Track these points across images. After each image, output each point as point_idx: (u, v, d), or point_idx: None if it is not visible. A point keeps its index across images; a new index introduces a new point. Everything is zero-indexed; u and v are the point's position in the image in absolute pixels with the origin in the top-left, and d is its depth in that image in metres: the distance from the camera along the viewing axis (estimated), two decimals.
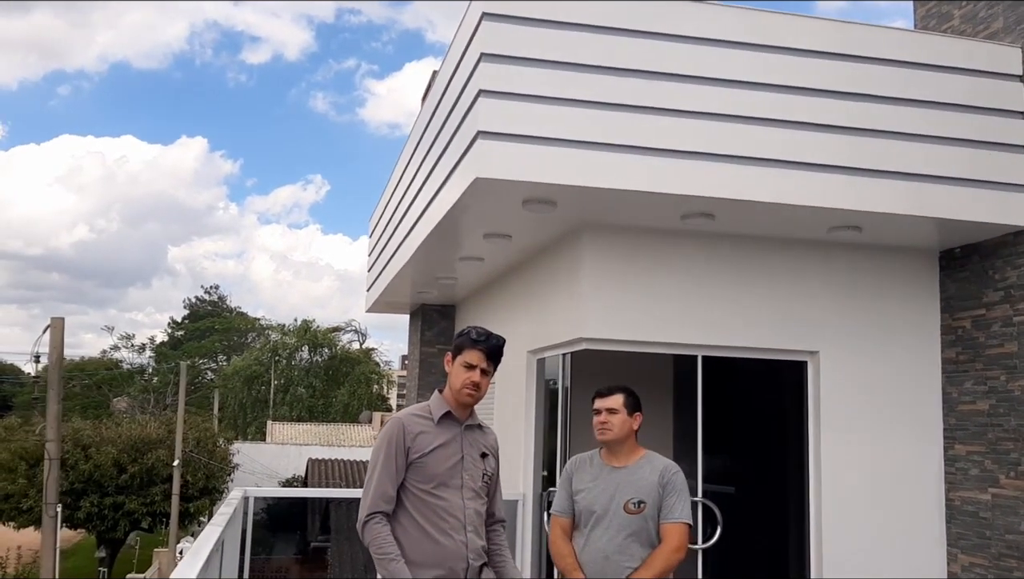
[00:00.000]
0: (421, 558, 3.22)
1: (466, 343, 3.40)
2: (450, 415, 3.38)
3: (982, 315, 6.40)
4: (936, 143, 5.89)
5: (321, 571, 18.11)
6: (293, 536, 21.57)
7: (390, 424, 3.36)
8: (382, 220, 10.23)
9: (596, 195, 5.53)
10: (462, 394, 3.38)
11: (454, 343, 3.45)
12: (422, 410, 3.41)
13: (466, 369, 3.37)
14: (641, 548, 3.52)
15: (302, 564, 19.62)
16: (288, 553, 20.72)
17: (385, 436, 3.32)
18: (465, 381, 3.37)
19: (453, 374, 3.39)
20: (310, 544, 19.98)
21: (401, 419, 3.36)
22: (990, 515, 6.18)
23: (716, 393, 6.52)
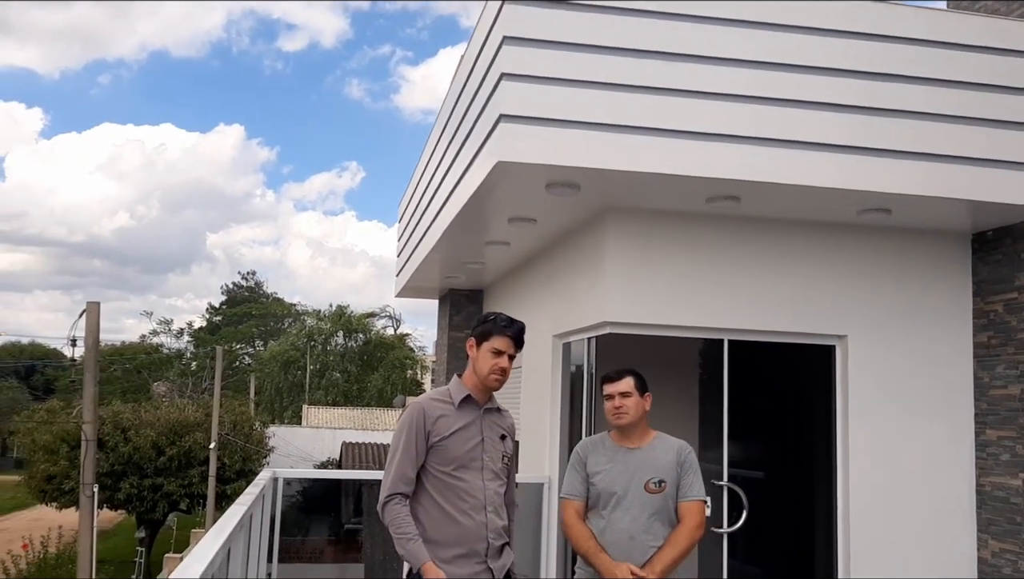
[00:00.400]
0: (442, 537, 3.27)
1: (494, 329, 3.47)
2: (470, 399, 3.44)
3: (1015, 298, 6.29)
4: (968, 124, 5.78)
5: (355, 552, 18.36)
6: (328, 518, 21.92)
7: (411, 408, 3.42)
8: (410, 206, 10.28)
9: (619, 178, 5.51)
10: (490, 379, 3.44)
11: (478, 329, 3.51)
12: (442, 394, 3.47)
13: (494, 355, 3.44)
14: (663, 527, 3.55)
15: (336, 546, 19.93)
16: (323, 534, 21.07)
17: (406, 420, 3.39)
18: (493, 367, 3.43)
19: (480, 360, 3.45)
20: (343, 526, 20.28)
21: (421, 404, 3.42)
22: (1021, 501, 6.09)
23: (742, 378, 6.49)
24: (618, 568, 3.43)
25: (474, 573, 3.27)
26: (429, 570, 3.15)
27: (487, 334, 3.47)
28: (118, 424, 24.54)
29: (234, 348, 54.98)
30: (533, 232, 7.19)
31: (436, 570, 3.15)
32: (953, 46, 5.83)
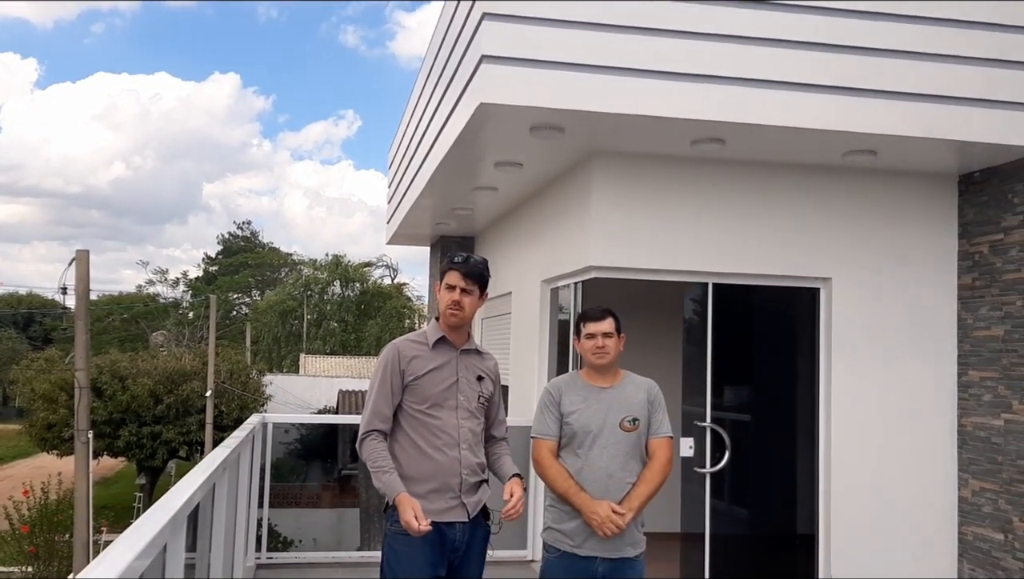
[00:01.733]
0: (416, 473, 3.35)
1: (446, 266, 3.56)
2: (444, 340, 3.49)
3: (1000, 240, 6.30)
4: (955, 63, 5.73)
5: (352, 497, 18.64)
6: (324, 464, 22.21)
7: (386, 349, 3.51)
8: (399, 152, 10.22)
9: (604, 120, 5.48)
10: (446, 315, 3.50)
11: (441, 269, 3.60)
12: (418, 336, 3.56)
13: (448, 290, 3.50)
14: (637, 464, 3.61)
15: (332, 491, 20.21)
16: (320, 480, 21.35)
17: (381, 360, 3.48)
18: (448, 301, 3.49)
19: (439, 298, 3.54)
20: (340, 471, 20.56)
21: (396, 344, 3.51)
22: (1002, 441, 6.17)
23: (726, 321, 6.53)
24: (599, 506, 3.48)
25: (447, 507, 3.34)
26: (403, 500, 3.21)
27: (443, 272, 3.57)
28: (116, 373, 24.69)
29: (230, 298, 55.07)
30: (520, 177, 7.16)
31: (409, 499, 3.21)
32: None
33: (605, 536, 3.48)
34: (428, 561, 3.27)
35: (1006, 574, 6.07)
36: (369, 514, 13.68)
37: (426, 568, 3.27)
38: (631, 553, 3.57)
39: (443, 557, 3.32)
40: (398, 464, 3.36)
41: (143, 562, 2.13)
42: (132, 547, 2.07)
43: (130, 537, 2.23)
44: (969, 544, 6.45)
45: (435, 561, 3.30)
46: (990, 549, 6.24)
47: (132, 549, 2.06)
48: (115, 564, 1.93)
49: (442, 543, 3.29)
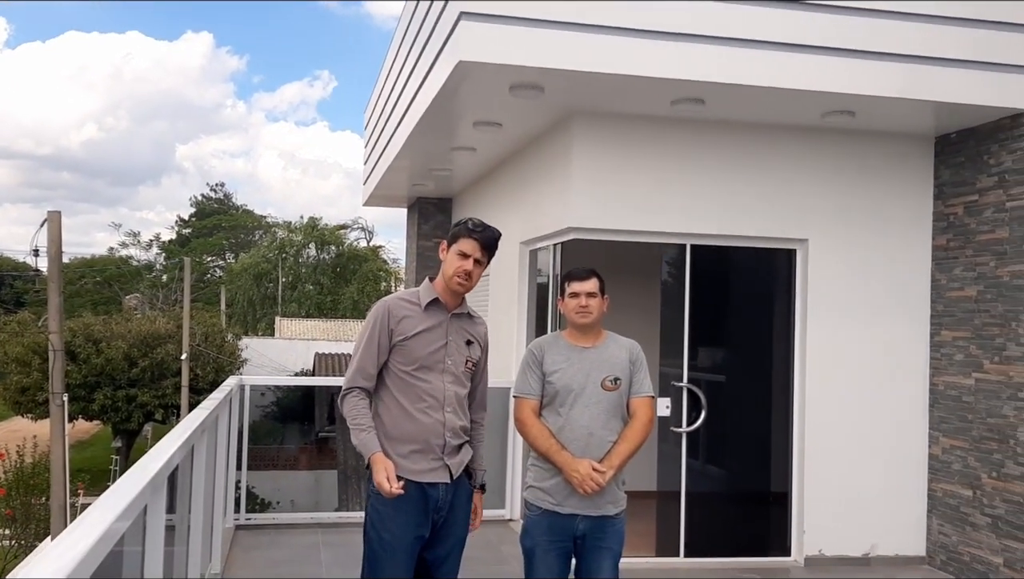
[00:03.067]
0: (399, 433, 3.34)
1: (462, 232, 3.45)
2: (437, 302, 3.44)
3: (975, 201, 6.35)
4: (933, 23, 5.72)
5: (330, 459, 18.68)
6: (302, 427, 22.20)
7: (377, 306, 3.46)
8: (375, 112, 10.10)
9: (584, 80, 5.43)
10: (453, 282, 3.43)
11: (451, 232, 3.50)
12: (410, 296, 3.49)
13: (460, 257, 3.42)
14: (618, 423, 3.63)
15: (310, 454, 20.23)
16: (298, 443, 21.35)
17: (371, 317, 3.43)
18: (458, 269, 3.42)
19: (447, 262, 3.45)
20: (318, 434, 20.56)
21: (387, 302, 3.45)
22: (972, 399, 6.28)
23: (704, 282, 6.56)
24: (580, 464, 3.50)
25: (430, 468, 3.33)
26: (376, 460, 3.20)
27: (456, 237, 3.46)
28: (89, 336, 24.46)
29: (204, 260, 54.58)
30: (499, 137, 7.10)
31: (383, 460, 3.20)
32: None
33: (585, 494, 3.50)
34: (412, 521, 3.28)
35: (974, 529, 6.20)
36: (347, 475, 13.73)
37: (409, 528, 3.28)
38: (612, 511, 3.60)
39: (427, 517, 3.32)
40: (381, 423, 3.34)
41: (123, 523, 2.12)
42: (113, 508, 2.06)
43: (110, 499, 2.21)
44: (939, 500, 6.58)
45: (419, 521, 3.30)
46: (959, 505, 6.37)
47: (113, 510, 2.05)
48: (96, 525, 1.91)
49: (425, 503, 3.30)
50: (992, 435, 6.07)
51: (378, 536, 3.28)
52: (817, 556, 6.53)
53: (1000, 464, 5.98)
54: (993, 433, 6.06)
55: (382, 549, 3.27)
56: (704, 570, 6.29)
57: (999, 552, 5.97)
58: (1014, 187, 5.99)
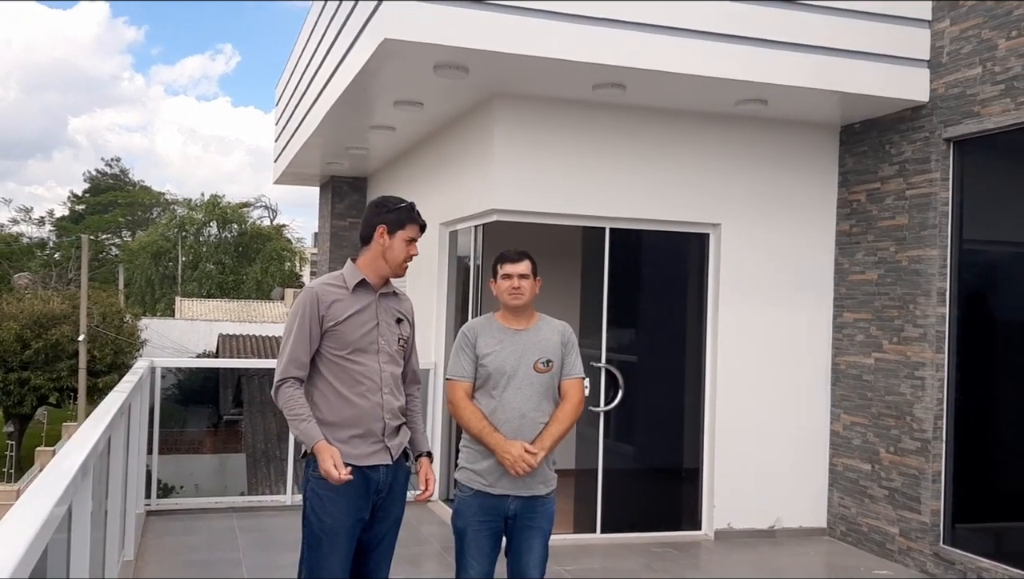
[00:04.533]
0: (338, 419, 3.30)
1: (408, 218, 3.43)
2: (364, 283, 3.41)
3: (877, 189, 6.65)
4: (843, 15, 5.96)
5: (235, 442, 18.24)
6: (206, 409, 21.59)
7: (304, 293, 3.38)
8: (288, 88, 9.88)
9: (509, 61, 5.45)
10: (401, 268, 3.45)
11: (390, 216, 3.42)
12: (335, 279, 3.43)
13: (408, 244, 3.43)
14: (550, 405, 3.68)
15: (215, 437, 19.72)
16: (201, 426, 20.77)
17: (299, 305, 3.35)
18: (408, 255, 3.44)
19: (394, 248, 3.41)
20: (223, 417, 20.05)
21: (314, 288, 3.38)
22: (872, 378, 6.60)
23: (622, 265, 6.68)
24: (512, 446, 3.54)
25: (371, 451, 3.32)
26: (321, 449, 3.17)
27: (402, 223, 3.41)
28: None
29: (100, 238, 52.41)
30: (420, 117, 7.05)
31: (328, 447, 3.18)
32: None
33: (517, 475, 3.55)
34: (353, 505, 3.26)
35: (872, 501, 6.54)
36: (256, 459, 13.47)
37: (351, 511, 3.26)
38: (542, 491, 3.66)
39: (367, 500, 3.31)
40: (318, 410, 3.29)
41: (60, 511, 2.05)
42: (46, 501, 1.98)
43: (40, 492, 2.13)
44: (839, 474, 6.91)
45: (360, 505, 3.29)
46: (858, 478, 6.70)
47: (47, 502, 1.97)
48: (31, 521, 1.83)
49: (367, 487, 3.28)
50: (890, 412, 6.40)
51: (319, 520, 3.25)
52: (726, 529, 6.78)
53: (897, 439, 6.32)
54: (891, 410, 6.39)
55: (323, 533, 3.24)
56: (619, 545, 6.45)
57: (895, 522, 6.32)
58: (914, 176, 6.30)
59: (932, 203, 6.13)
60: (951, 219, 6.09)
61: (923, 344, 6.13)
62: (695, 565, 6.22)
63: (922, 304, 6.16)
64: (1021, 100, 5.47)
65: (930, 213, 6.14)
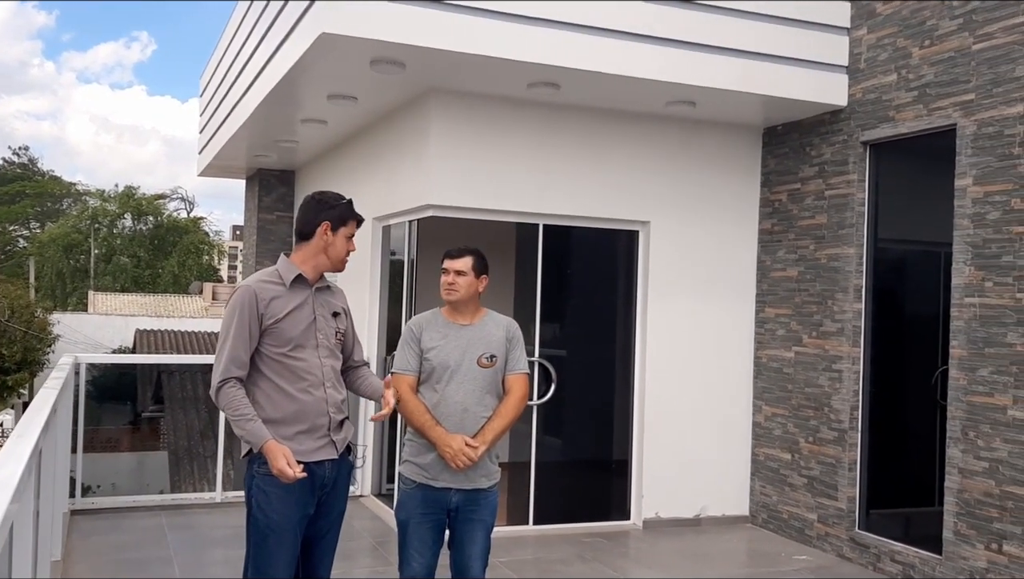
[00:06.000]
0: (282, 416, 3.29)
1: (349, 214, 3.46)
2: (301, 278, 3.40)
3: (797, 189, 6.91)
4: (768, 21, 6.18)
5: (153, 440, 17.77)
6: (123, 406, 20.91)
7: (240, 291, 3.33)
8: (215, 78, 9.69)
9: (446, 58, 5.49)
10: (343, 263, 3.48)
11: (333, 213, 3.43)
12: (271, 276, 3.40)
13: (348, 241, 3.46)
14: (493, 399, 3.74)
15: (133, 434, 19.14)
16: (118, 423, 20.12)
17: (237, 303, 3.30)
18: (348, 252, 3.47)
19: (336, 245, 3.43)
20: (141, 414, 19.47)
21: (252, 286, 3.33)
22: (792, 371, 6.87)
23: (555, 261, 6.80)
24: (453, 439, 3.59)
25: (317, 447, 3.32)
26: (271, 448, 3.16)
27: (344, 219, 3.43)
28: None
29: (7, 229, 50.31)
30: (353, 111, 7.03)
31: (279, 446, 3.17)
32: None
33: (457, 469, 3.61)
34: (299, 501, 3.26)
35: (792, 489, 6.81)
36: (179, 456, 13.17)
37: (298, 507, 3.26)
38: (484, 484, 3.72)
39: (313, 495, 3.31)
40: (261, 409, 3.27)
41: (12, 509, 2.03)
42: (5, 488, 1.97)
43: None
44: (761, 464, 7.17)
45: (307, 500, 3.29)
46: (779, 467, 6.97)
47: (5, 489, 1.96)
48: None
49: (312, 482, 3.28)
50: (809, 403, 6.68)
51: (266, 517, 3.24)
52: (654, 519, 6.97)
53: (816, 430, 6.60)
54: (810, 402, 6.67)
55: (270, 530, 3.23)
56: (551, 536, 6.57)
57: (814, 509, 6.59)
58: (832, 177, 6.58)
59: (850, 203, 6.41)
60: (867, 219, 6.38)
61: (840, 338, 6.42)
62: (624, 554, 6.39)
63: (840, 300, 6.44)
64: (933, 106, 5.77)
65: (847, 213, 6.42)
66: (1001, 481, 5.22)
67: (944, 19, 5.72)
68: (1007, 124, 5.28)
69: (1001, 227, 5.30)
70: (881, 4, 6.20)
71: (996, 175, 5.34)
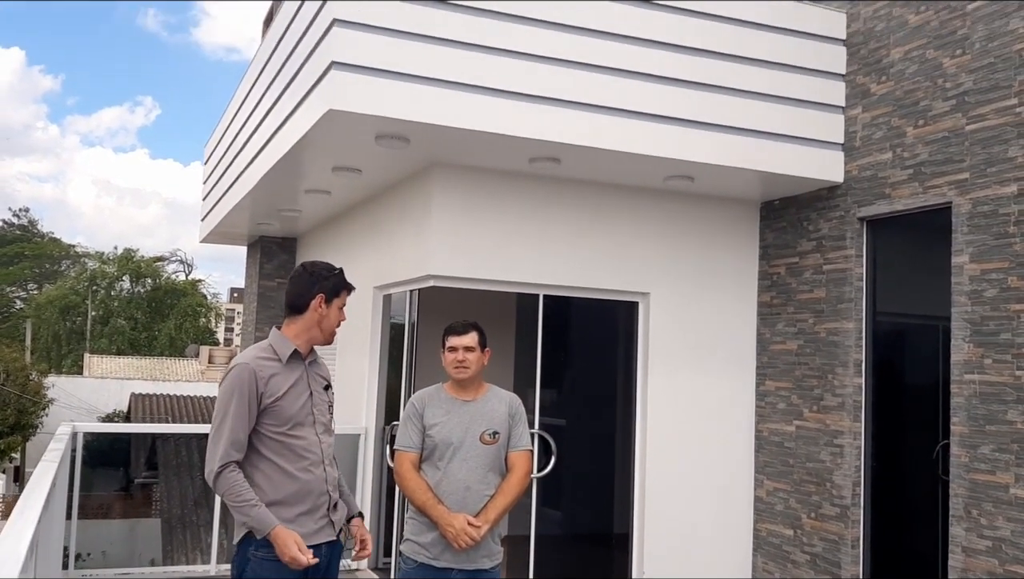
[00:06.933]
0: (284, 497, 3.20)
1: (342, 285, 3.42)
2: (296, 353, 3.34)
3: (795, 263, 6.98)
4: (764, 100, 6.31)
5: (146, 507, 17.50)
6: (116, 472, 20.66)
7: (238, 370, 3.23)
8: (219, 148, 9.84)
9: (449, 134, 5.59)
10: (334, 336, 3.44)
11: (328, 284, 3.37)
12: (266, 352, 3.31)
13: (340, 311, 3.42)
14: (496, 476, 3.71)
15: (125, 501, 18.87)
16: (110, 489, 19.85)
17: (235, 383, 3.20)
18: (340, 322, 3.43)
19: (330, 317, 3.38)
20: (134, 480, 19.22)
21: (249, 364, 3.23)
22: (794, 445, 6.84)
23: (556, 330, 6.82)
24: (455, 518, 3.56)
25: (318, 528, 3.26)
26: (281, 535, 3.08)
27: (338, 290, 3.40)
28: None
29: (5, 291, 50.36)
30: (356, 182, 7.13)
31: (290, 532, 3.10)
32: (757, 26, 6.31)
33: (460, 548, 3.56)
34: None
35: (795, 566, 6.72)
36: (172, 525, 12.98)
37: None
38: (487, 564, 3.68)
39: (306, 576, 3.25)
40: (261, 492, 3.17)
41: None
42: None
43: None
44: (763, 539, 7.08)
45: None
46: (781, 543, 6.89)
47: None
48: None
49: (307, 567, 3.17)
50: (811, 478, 6.63)
51: None
52: None
53: (818, 505, 6.54)
54: (812, 477, 6.62)
55: None
56: None
57: None
58: (830, 252, 6.65)
59: (848, 278, 6.46)
60: (865, 293, 6.43)
61: (841, 413, 6.41)
62: None
63: (840, 374, 6.45)
64: (928, 184, 5.86)
65: (846, 287, 6.47)
66: (1004, 560, 5.17)
67: (937, 100, 5.85)
68: (1002, 203, 5.37)
69: (999, 304, 5.34)
70: (875, 84, 6.35)
71: (992, 253, 5.41)
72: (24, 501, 2.82)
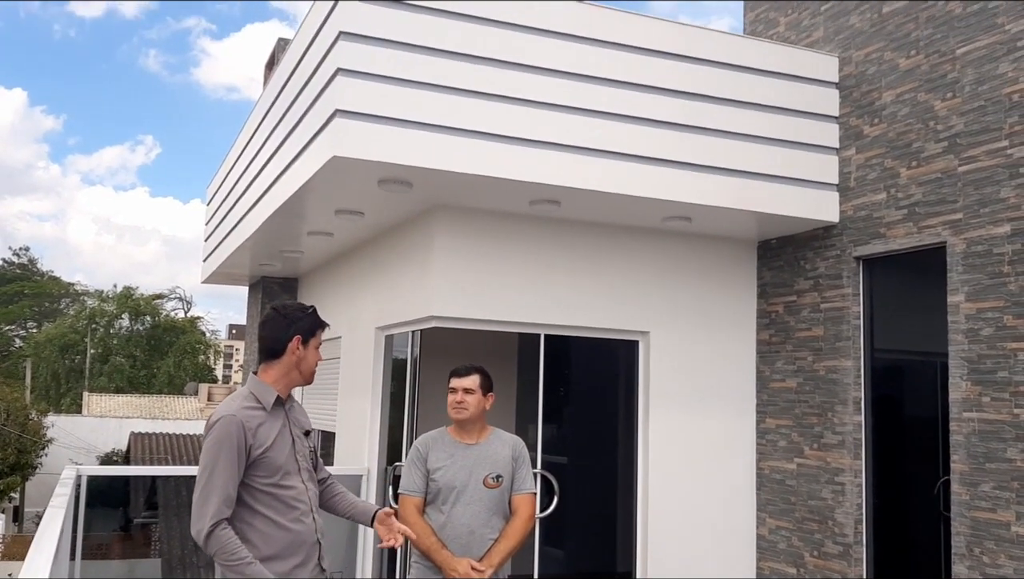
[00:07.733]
0: (277, 550, 3.14)
1: (317, 324, 3.33)
2: (279, 399, 3.26)
3: (793, 301, 7.05)
4: (760, 142, 6.43)
5: (145, 547, 17.38)
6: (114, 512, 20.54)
7: (224, 422, 3.10)
8: (222, 189, 9.95)
9: (451, 178, 5.69)
10: (313, 377, 3.35)
11: (303, 325, 3.28)
12: (249, 400, 3.20)
13: (316, 350, 3.34)
14: (500, 520, 3.73)
15: (124, 541, 18.75)
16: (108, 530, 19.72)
17: (222, 437, 3.07)
18: (318, 363, 3.36)
19: (308, 358, 3.29)
20: (133, 520, 19.11)
21: (236, 416, 3.12)
22: (795, 483, 6.86)
23: (557, 370, 6.87)
24: (459, 563, 3.59)
25: (312, 578, 3.22)
26: None
27: (313, 330, 3.30)
28: None
29: (4, 330, 50.34)
30: (359, 224, 7.22)
31: None
32: (751, 70, 6.45)
33: None
34: None
35: None
36: (172, 566, 12.90)
37: None
38: None
39: None
40: (254, 548, 3.08)
41: None
42: None
43: None
44: (766, 578, 7.08)
45: None
46: None
47: None
48: None
49: None
50: (812, 516, 6.65)
51: None
52: None
53: (820, 543, 6.55)
54: (814, 515, 6.64)
55: None
56: None
57: None
58: (827, 290, 6.72)
59: (845, 316, 6.53)
60: (863, 331, 6.49)
61: (842, 450, 6.44)
62: None
63: (839, 412, 6.49)
64: (923, 225, 5.95)
65: (843, 326, 6.53)
66: None
67: (929, 141, 5.96)
68: (995, 243, 5.45)
69: (995, 343, 5.40)
70: (868, 126, 6.47)
71: (987, 292, 5.48)
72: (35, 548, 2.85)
